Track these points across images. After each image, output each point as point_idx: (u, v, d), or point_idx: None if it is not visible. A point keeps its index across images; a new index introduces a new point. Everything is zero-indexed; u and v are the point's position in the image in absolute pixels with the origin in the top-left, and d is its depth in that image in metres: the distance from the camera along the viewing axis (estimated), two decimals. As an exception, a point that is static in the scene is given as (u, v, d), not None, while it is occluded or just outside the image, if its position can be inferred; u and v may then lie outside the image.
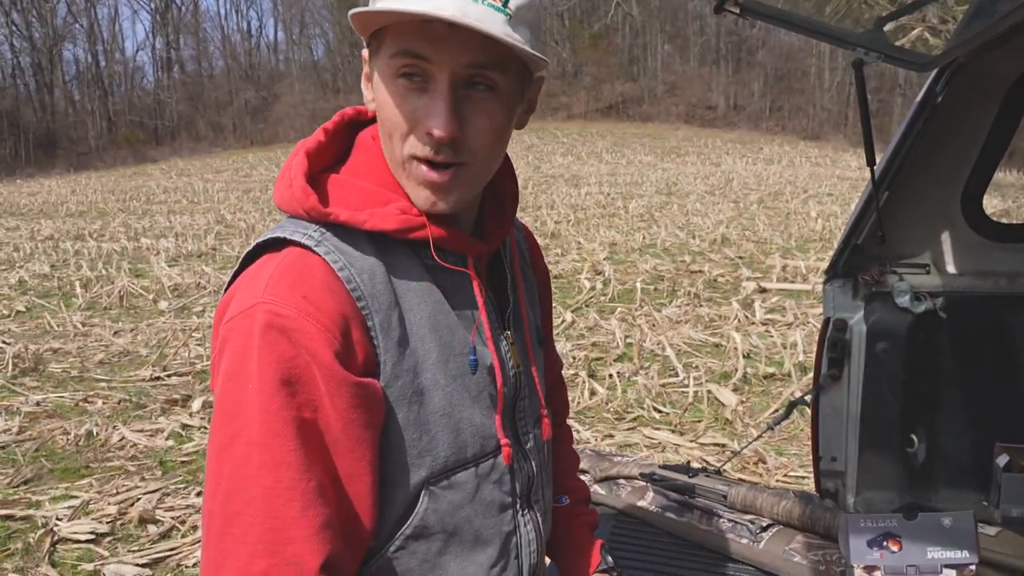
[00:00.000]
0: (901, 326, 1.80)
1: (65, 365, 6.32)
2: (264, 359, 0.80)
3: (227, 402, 0.82)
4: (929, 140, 1.67)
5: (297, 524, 0.79)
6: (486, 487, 0.95)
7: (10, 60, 51.73)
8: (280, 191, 0.91)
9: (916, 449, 1.83)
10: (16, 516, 3.76)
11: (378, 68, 0.87)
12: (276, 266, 0.85)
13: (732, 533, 1.55)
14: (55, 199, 22.30)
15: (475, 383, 0.94)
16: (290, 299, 0.81)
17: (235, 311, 0.84)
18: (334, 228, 0.87)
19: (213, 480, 0.82)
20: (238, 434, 0.80)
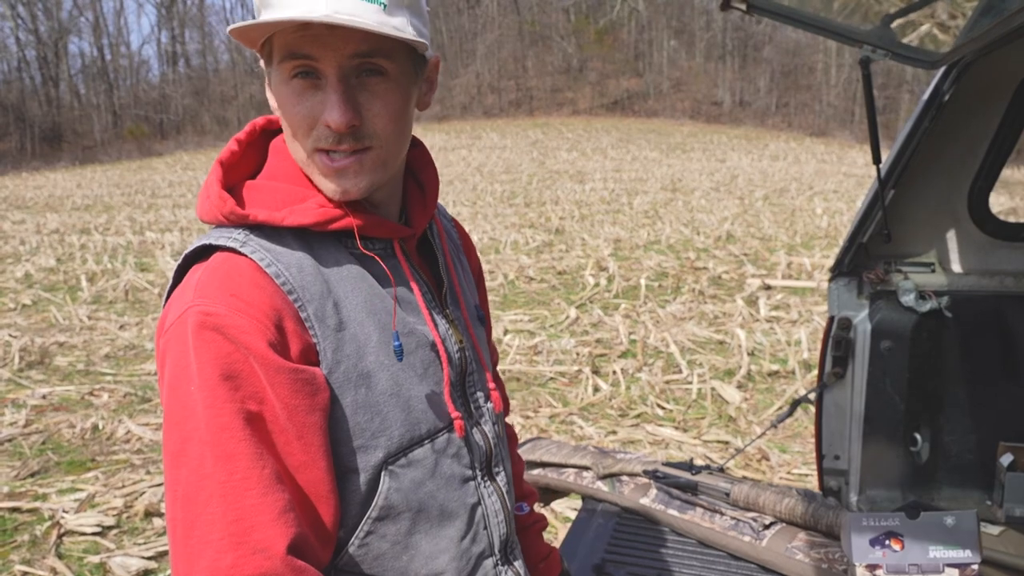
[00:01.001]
0: (906, 325, 1.80)
1: (71, 359, 6.34)
2: (202, 358, 0.82)
3: (174, 408, 0.83)
4: (936, 138, 1.67)
5: (258, 510, 0.80)
6: (444, 461, 0.97)
7: (15, 54, 51.84)
8: (200, 204, 0.94)
9: (920, 448, 1.83)
10: (23, 508, 3.78)
11: (273, 75, 0.91)
12: (203, 272, 0.88)
13: (735, 531, 1.55)
14: (61, 193, 22.36)
15: (420, 360, 0.96)
16: (219, 298, 0.84)
17: (170, 321, 0.86)
18: (258, 230, 0.91)
19: (172, 487, 0.83)
20: (189, 437, 0.81)
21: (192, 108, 52.51)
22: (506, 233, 12.04)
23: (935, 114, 1.63)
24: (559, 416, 4.83)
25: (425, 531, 0.96)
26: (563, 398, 5.15)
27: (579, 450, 1.99)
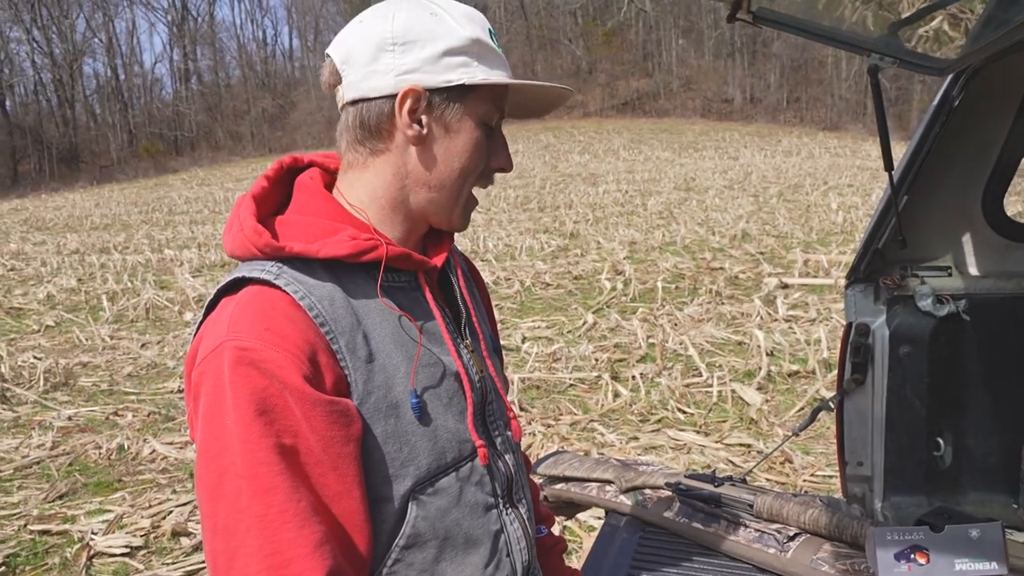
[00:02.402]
0: (924, 330, 1.79)
1: (95, 379, 6.43)
2: (237, 393, 0.83)
3: (209, 442, 0.85)
4: (948, 143, 1.67)
5: (294, 544, 0.82)
6: (468, 489, 0.99)
7: (32, 77, 52.60)
8: (231, 238, 0.96)
9: (943, 452, 1.82)
10: (53, 531, 3.84)
11: (456, 124, 0.97)
12: (235, 305, 0.89)
13: (759, 543, 1.55)
14: (80, 213, 22.65)
15: (445, 390, 0.98)
16: (254, 332, 0.85)
17: (203, 355, 0.88)
18: (289, 262, 0.92)
19: (210, 520, 0.85)
20: (225, 471, 0.84)
21: (205, 124, 53.02)
22: (521, 239, 12.06)
23: (946, 119, 1.63)
24: (580, 423, 4.83)
25: (451, 559, 0.97)
26: (583, 405, 5.15)
27: (601, 463, 2.00)
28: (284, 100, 53.73)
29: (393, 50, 0.93)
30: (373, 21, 0.96)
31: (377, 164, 0.98)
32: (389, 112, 0.95)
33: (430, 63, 0.94)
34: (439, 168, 0.98)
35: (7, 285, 11.13)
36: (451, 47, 0.94)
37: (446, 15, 0.96)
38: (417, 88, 0.93)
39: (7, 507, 4.12)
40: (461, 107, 0.96)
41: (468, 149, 0.98)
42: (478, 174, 1.00)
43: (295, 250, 0.91)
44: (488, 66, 0.97)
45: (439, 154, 0.97)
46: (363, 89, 0.95)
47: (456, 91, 0.95)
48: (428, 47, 0.94)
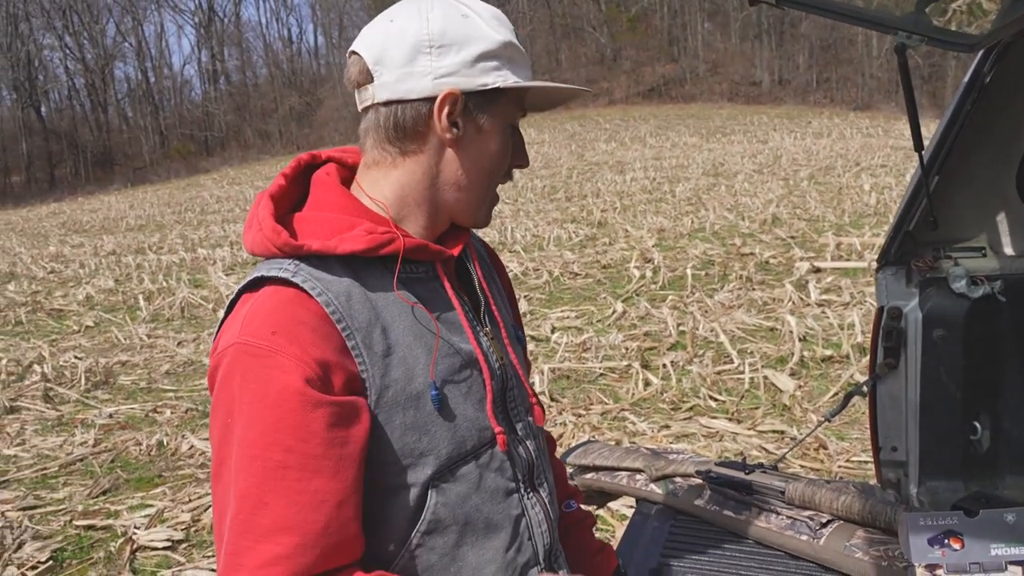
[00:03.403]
0: (958, 312, 1.76)
1: (134, 377, 6.57)
2: (241, 393, 0.86)
3: (214, 432, 0.90)
4: (979, 120, 1.63)
5: (252, 552, 0.84)
6: (488, 475, 1.00)
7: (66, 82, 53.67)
8: (251, 237, 0.98)
9: (979, 436, 1.79)
10: (97, 526, 3.94)
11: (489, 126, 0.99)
12: (250, 306, 0.92)
13: (791, 530, 1.54)
14: (115, 215, 23.11)
15: (464, 379, 0.99)
16: (263, 334, 0.87)
17: (218, 352, 0.91)
18: (307, 259, 0.94)
19: (213, 498, 0.91)
20: (222, 462, 0.88)
21: (234, 124, 53.67)
22: (548, 229, 12.04)
23: (977, 96, 1.59)
24: (611, 413, 4.82)
25: (472, 543, 0.99)
26: (614, 394, 5.14)
27: (631, 452, 2.00)
28: (311, 97, 54.17)
29: (430, 52, 0.94)
30: (407, 21, 0.95)
31: (407, 164, 0.99)
32: (427, 114, 0.96)
33: (466, 67, 0.95)
34: (470, 169, 1.00)
35: (48, 287, 11.41)
36: (485, 51, 0.95)
37: (476, 17, 0.97)
38: (455, 92, 0.94)
39: (53, 503, 4.24)
40: (493, 109, 0.98)
41: (497, 150, 1.00)
42: (501, 174, 1.03)
43: (313, 247, 0.93)
44: (518, 69, 0.99)
45: (471, 155, 0.99)
46: (399, 91, 0.95)
47: (489, 94, 0.97)
48: (464, 51, 0.95)
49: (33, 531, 3.85)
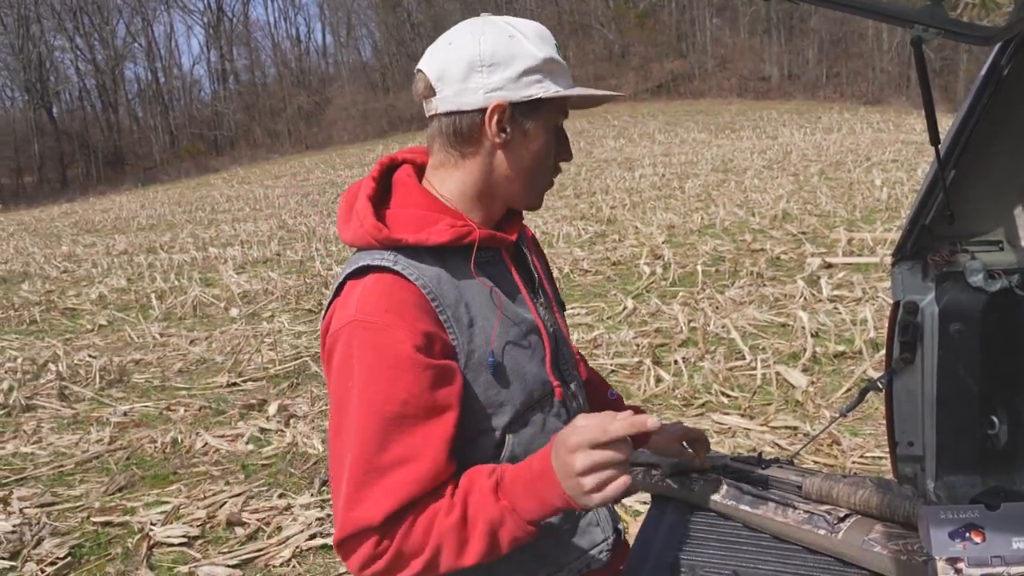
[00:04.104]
0: (975, 306, 1.75)
1: (147, 375, 6.62)
2: (360, 361, 1.05)
3: (335, 398, 1.09)
4: (997, 113, 1.62)
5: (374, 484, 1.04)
6: (550, 420, 1.22)
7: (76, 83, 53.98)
8: (352, 231, 1.16)
9: (997, 430, 1.78)
10: (114, 522, 3.97)
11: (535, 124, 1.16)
12: (361, 289, 1.10)
13: (809, 524, 1.54)
14: (126, 214, 23.24)
15: (529, 343, 1.20)
16: (376, 311, 1.07)
17: (336, 328, 1.09)
18: (402, 250, 1.13)
19: (331, 452, 1.10)
20: (343, 418, 1.07)
21: (244, 123, 53.87)
22: (558, 226, 12.03)
23: (994, 89, 1.58)
24: (622, 409, 4.82)
25: None
26: (626, 391, 5.14)
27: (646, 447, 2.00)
28: (319, 96, 54.29)
29: (482, 71, 1.12)
30: (462, 44, 1.14)
31: (467, 164, 1.18)
32: (479, 123, 1.14)
33: (512, 82, 1.12)
34: (518, 166, 1.18)
35: (61, 286, 11.49)
36: (529, 67, 1.13)
37: (521, 37, 1.14)
38: (503, 103, 1.12)
39: (70, 500, 4.28)
40: (537, 116, 1.15)
41: (541, 149, 1.18)
42: (548, 168, 1.21)
43: (409, 241, 1.11)
44: (558, 80, 1.16)
45: (518, 154, 1.17)
46: (457, 103, 1.14)
47: (533, 103, 1.14)
48: (510, 68, 1.12)
49: (51, 528, 3.89)
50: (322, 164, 35.34)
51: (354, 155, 38.05)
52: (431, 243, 1.12)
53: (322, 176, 29.56)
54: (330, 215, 17.23)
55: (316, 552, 3.54)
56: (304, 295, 9.23)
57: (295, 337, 7.38)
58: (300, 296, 9.18)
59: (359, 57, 60.03)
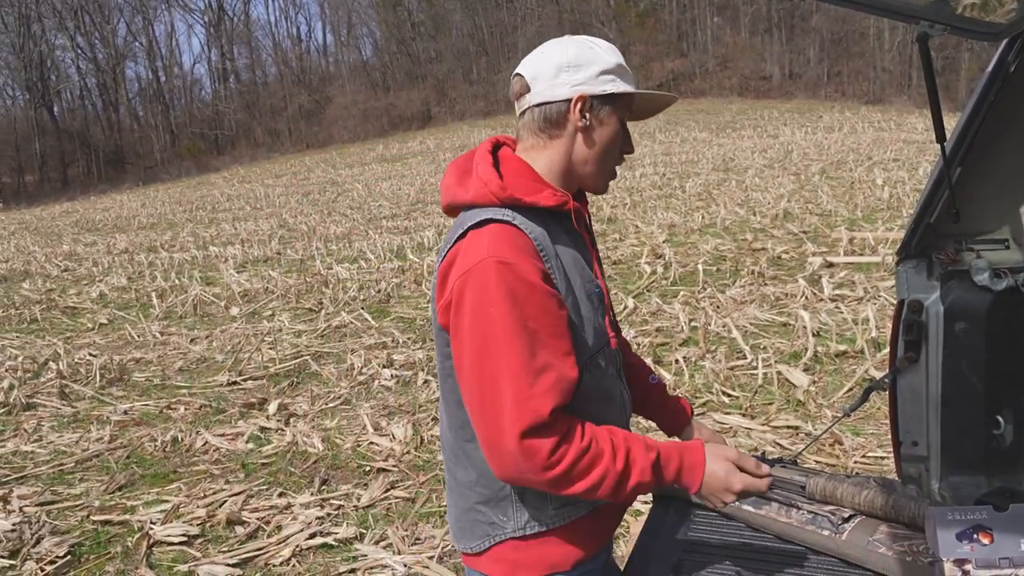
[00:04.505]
0: (981, 305, 1.74)
1: (148, 374, 6.61)
2: (499, 289, 1.24)
3: (476, 324, 1.26)
4: (1003, 111, 1.60)
5: (534, 387, 1.24)
6: (609, 366, 1.45)
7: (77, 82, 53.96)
8: (474, 190, 1.37)
9: (1002, 430, 1.77)
10: (114, 521, 3.96)
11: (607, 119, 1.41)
12: (489, 235, 1.30)
13: (813, 525, 1.53)
14: (127, 213, 23.23)
15: (596, 299, 1.43)
16: (507, 250, 1.27)
17: (468, 266, 1.27)
18: (516, 209, 1.35)
19: (475, 376, 1.27)
20: (489, 342, 1.25)
21: (244, 122, 53.83)
22: (558, 226, 11.99)
23: (1001, 86, 1.57)
24: (623, 408, 4.80)
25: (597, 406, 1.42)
26: (626, 390, 5.12)
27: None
28: (320, 95, 54.24)
29: (568, 70, 1.37)
30: (552, 52, 1.40)
31: (553, 145, 1.41)
32: (566, 110, 1.39)
33: (592, 78, 1.38)
34: (595, 149, 1.41)
35: (62, 285, 11.49)
36: (605, 68, 1.39)
37: (598, 48, 1.40)
38: (585, 95, 1.37)
39: (70, 499, 4.27)
40: (610, 108, 1.40)
41: (612, 136, 1.42)
42: (616, 155, 1.44)
43: (527, 201, 1.35)
44: (628, 82, 1.42)
45: (595, 139, 1.41)
46: (548, 96, 1.39)
47: (608, 97, 1.39)
48: (591, 68, 1.38)
49: (51, 526, 3.88)
50: (323, 163, 35.32)
51: (355, 154, 38.05)
52: (541, 205, 1.36)
53: (323, 175, 29.53)
54: (330, 214, 17.22)
55: (316, 551, 3.53)
56: (304, 294, 9.22)
57: (295, 336, 7.37)
58: (300, 295, 9.17)
59: (359, 56, 60.00)
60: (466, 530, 1.46)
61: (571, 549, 1.42)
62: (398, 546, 3.47)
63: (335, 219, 16.22)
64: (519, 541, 1.41)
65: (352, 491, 4.08)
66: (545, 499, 1.39)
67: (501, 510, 1.40)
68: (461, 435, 1.41)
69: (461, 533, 1.47)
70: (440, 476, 4.16)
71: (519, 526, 1.40)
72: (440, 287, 1.34)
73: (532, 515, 1.39)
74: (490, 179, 1.36)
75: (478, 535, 1.43)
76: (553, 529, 1.41)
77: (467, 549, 1.46)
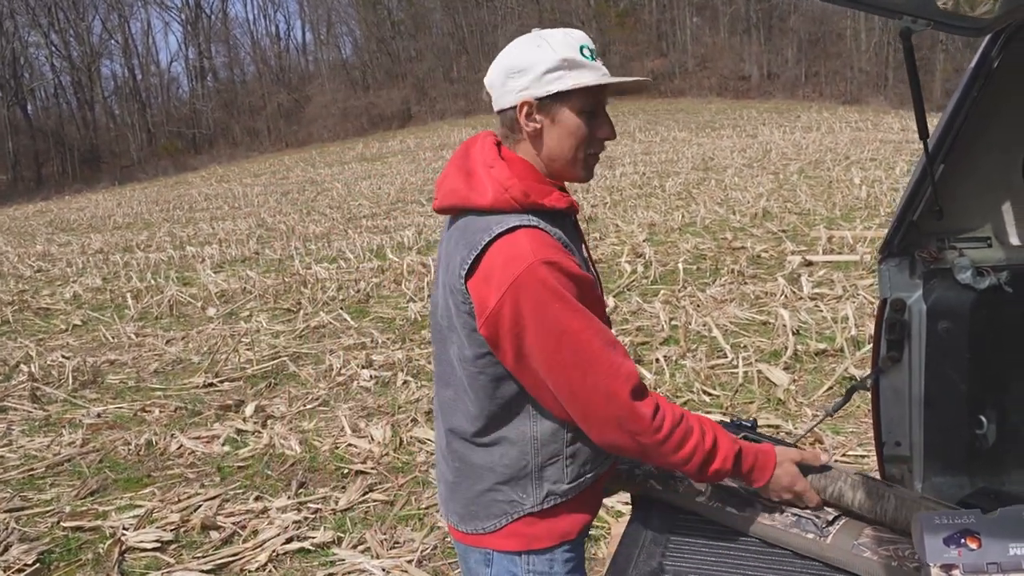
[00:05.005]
0: (964, 303, 1.72)
1: (122, 376, 6.49)
2: (556, 286, 1.32)
3: (546, 317, 1.33)
4: (986, 107, 1.59)
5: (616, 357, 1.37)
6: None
7: (52, 80, 53.15)
8: (494, 195, 1.39)
9: (985, 430, 1.76)
10: (85, 527, 3.87)
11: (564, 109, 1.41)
12: (526, 240, 1.35)
13: (796, 527, 1.50)
14: (102, 213, 22.89)
15: (599, 296, 1.49)
16: (549, 251, 1.35)
17: (516, 272, 1.33)
18: (536, 213, 1.39)
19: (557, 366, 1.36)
20: (563, 333, 1.34)
21: (223, 121, 53.29)
22: (539, 225, 11.96)
23: (984, 82, 1.55)
24: (604, 408, 4.78)
25: None
26: (607, 390, 5.09)
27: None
28: (299, 94, 53.84)
29: (513, 76, 1.40)
30: (502, 58, 1.43)
31: (523, 147, 1.47)
32: (515, 117, 1.42)
33: (536, 81, 1.38)
34: (556, 146, 1.43)
35: (35, 286, 11.28)
36: (549, 67, 1.38)
37: (547, 44, 1.39)
38: (529, 100, 1.39)
39: (40, 504, 4.17)
40: (561, 105, 1.40)
41: (572, 131, 1.42)
42: (586, 144, 1.44)
43: (547, 205, 1.40)
44: (582, 74, 1.39)
45: (554, 137, 1.42)
46: (501, 103, 1.43)
47: (555, 96, 1.39)
48: (534, 70, 1.38)
49: (20, 533, 3.78)
50: (302, 162, 35.05)
51: (334, 153, 37.79)
52: (559, 208, 1.42)
53: (302, 174, 29.30)
54: (309, 213, 17.08)
55: (293, 556, 3.46)
56: (282, 294, 9.12)
57: (273, 336, 7.28)
58: (278, 295, 9.06)
59: (339, 55, 59.60)
60: (479, 512, 1.52)
61: (578, 517, 1.53)
62: (376, 550, 3.41)
63: (314, 218, 16.08)
64: (534, 516, 1.49)
65: (330, 494, 4.02)
66: (562, 473, 1.48)
67: (521, 487, 1.48)
68: (491, 419, 1.47)
69: (472, 515, 1.53)
70: (420, 478, 4.11)
71: (537, 501, 1.48)
72: (478, 297, 1.37)
73: (550, 490, 1.48)
74: (511, 187, 1.39)
75: (495, 514, 1.50)
76: (566, 502, 1.50)
77: (479, 530, 1.53)
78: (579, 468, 1.51)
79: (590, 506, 1.58)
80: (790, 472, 1.49)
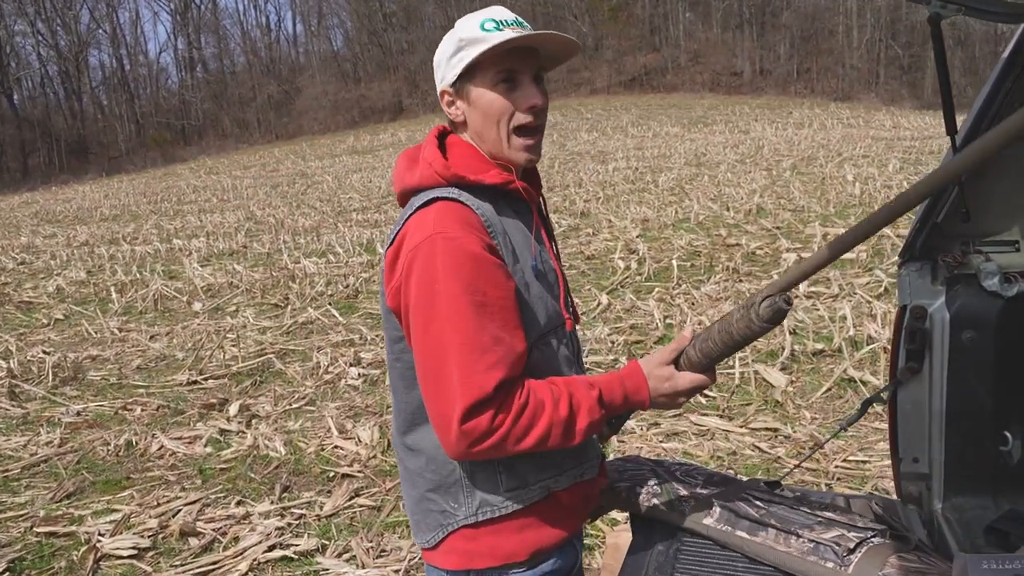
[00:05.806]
0: (990, 311, 1.61)
1: (104, 372, 6.33)
2: (445, 264, 1.24)
3: (421, 299, 1.26)
4: (1020, 100, 1.47)
5: (478, 362, 1.22)
6: (561, 347, 1.42)
7: (38, 70, 52.51)
8: (419, 174, 1.38)
9: (1011, 447, 1.65)
10: (59, 533, 3.73)
11: (475, 87, 1.37)
12: (435, 212, 1.30)
13: (815, 555, 1.39)
14: (89, 204, 22.60)
15: (549, 278, 1.42)
16: (453, 225, 1.27)
17: (415, 243, 1.27)
18: (462, 187, 1.35)
19: (421, 351, 1.27)
20: (433, 318, 1.24)
21: (212, 112, 52.84)
22: (531, 220, 11.84)
23: (1019, 74, 1.43)
24: (598, 410, 4.66)
25: None
26: (601, 390, 4.98)
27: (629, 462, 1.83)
28: (289, 86, 53.42)
29: (438, 69, 1.41)
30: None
31: (463, 135, 1.44)
32: (443, 106, 1.43)
33: (448, 69, 1.38)
34: (480, 126, 1.39)
35: (17, 279, 11.07)
36: (452, 52, 1.37)
37: (455, 31, 1.37)
38: (446, 89, 1.40)
39: (14, 508, 4.02)
40: (472, 84, 1.37)
41: (489, 106, 1.37)
42: (509, 118, 1.37)
43: (471, 178, 1.34)
44: (473, 48, 1.33)
45: (478, 116, 1.38)
46: (439, 96, 1.43)
47: (463, 76, 1.37)
48: (445, 60, 1.39)
49: (-10, 540, 3.63)
50: (292, 154, 34.76)
51: (325, 145, 37.52)
52: (487, 182, 1.35)
53: (292, 167, 29.05)
54: (299, 206, 16.88)
55: (275, 565, 3.33)
56: (270, 289, 8.96)
57: (260, 332, 7.12)
58: (266, 290, 8.90)
59: (330, 47, 59.19)
60: (420, 522, 1.42)
61: (527, 537, 1.37)
62: (362, 559, 3.28)
63: (304, 212, 15.90)
64: (471, 529, 1.36)
65: (315, 499, 3.88)
66: (496, 482, 1.35)
67: (452, 496, 1.37)
68: (411, 420, 1.39)
69: (416, 526, 1.44)
70: (408, 482, 3.98)
71: (471, 512, 1.36)
72: (389, 270, 1.33)
73: (483, 500, 1.36)
74: (434, 159, 1.37)
75: (431, 526, 1.40)
76: (507, 515, 1.36)
77: (423, 543, 1.43)
78: (519, 477, 1.35)
79: (547, 528, 1.38)
80: (664, 374, 1.36)
